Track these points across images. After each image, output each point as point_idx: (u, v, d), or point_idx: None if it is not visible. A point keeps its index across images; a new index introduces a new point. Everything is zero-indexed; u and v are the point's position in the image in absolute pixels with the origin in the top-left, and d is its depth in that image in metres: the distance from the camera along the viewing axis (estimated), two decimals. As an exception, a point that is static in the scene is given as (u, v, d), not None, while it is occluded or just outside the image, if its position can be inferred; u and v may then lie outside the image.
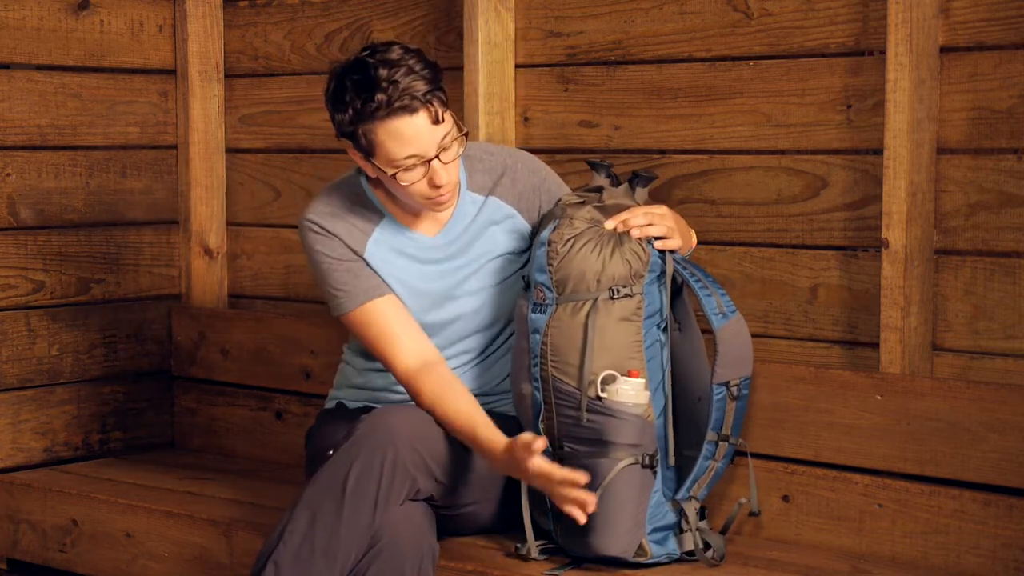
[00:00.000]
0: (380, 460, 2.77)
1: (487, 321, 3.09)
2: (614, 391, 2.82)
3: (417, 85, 2.82)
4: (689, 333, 3.00)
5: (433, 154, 2.86)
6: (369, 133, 2.85)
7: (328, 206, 3.04)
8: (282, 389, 3.90)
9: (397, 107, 2.81)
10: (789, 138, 3.20)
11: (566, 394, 2.86)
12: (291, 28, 3.97)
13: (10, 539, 3.69)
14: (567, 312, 2.86)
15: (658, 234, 2.90)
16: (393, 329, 2.99)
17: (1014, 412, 2.82)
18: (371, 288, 3.01)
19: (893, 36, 2.95)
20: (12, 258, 3.82)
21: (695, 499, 2.90)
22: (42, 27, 3.82)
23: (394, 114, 2.82)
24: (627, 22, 3.39)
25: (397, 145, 2.84)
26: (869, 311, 3.10)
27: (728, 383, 2.90)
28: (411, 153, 2.85)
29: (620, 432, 2.82)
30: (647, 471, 2.84)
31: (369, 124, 2.84)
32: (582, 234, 2.88)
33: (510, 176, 3.10)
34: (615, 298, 2.85)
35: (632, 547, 2.83)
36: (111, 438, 4.02)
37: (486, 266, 3.08)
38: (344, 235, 3.01)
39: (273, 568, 2.77)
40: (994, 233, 2.97)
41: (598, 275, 2.85)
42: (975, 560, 2.88)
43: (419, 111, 2.83)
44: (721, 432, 2.91)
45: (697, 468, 2.91)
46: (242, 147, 4.10)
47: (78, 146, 3.93)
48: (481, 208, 3.08)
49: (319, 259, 3.02)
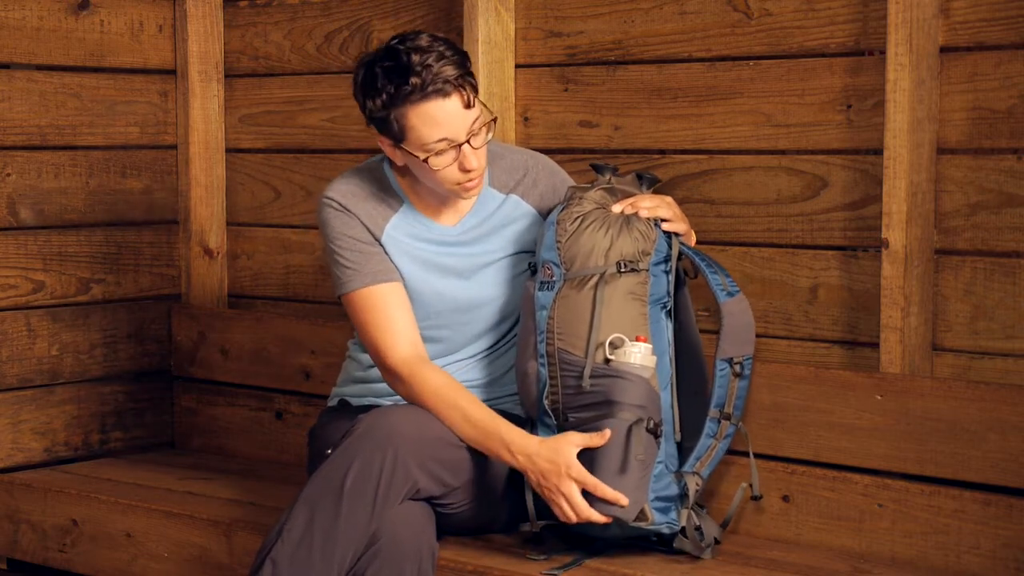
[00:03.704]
0: (379, 459, 2.78)
1: (499, 316, 3.10)
2: (622, 353, 2.85)
3: (448, 70, 2.85)
4: (688, 330, 3.02)
5: (464, 138, 2.89)
6: (401, 118, 2.88)
7: (349, 186, 3.06)
8: (282, 389, 3.90)
9: (431, 91, 2.84)
10: (789, 138, 3.20)
11: (572, 364, 2.87)
12: (291, 28, 3.97)
13: (10, 539, 3.69)
14: (574, 287, 2.89)
15: (665, 216, 2.94)
16: (393, 316, 3.00)
17: (1014, 412, 2.82)
18: (379, 272, 3.02)
19: (893, 36, 2.95)
20: (12, 258, 3.82)
21: (698, 475, 2.91)
22: (42, 27, 3.82)
23: (427, 98, 2.85)
24: (627, 22, 3.39)
25: (429, 129, 2.87)
26: (869, 311, 3.10)
27: (732, 359, 2.93)
28: (442, 136, 2.87)
29: (627, 392, 2.83)
30: (651, 437, 2.85)
31: (401, 108, 2.87)
32: (590, 213, 2.92)
33: (531, 177, 3.12)
34: (622, 272, 2.87)
35: (634, 510, 2.83)
36: (111, 438, 4.02)
37: (500, 261, 3.09)
38: (363, 216, 3.03)
39: (271, 566, 2.77)
40: (994, 233, 2.97)
41: (606, 251, 2.88)
42: (975, 560, 2.87)
43: (451, 95, 2.86)
44: (724, 410, 2.93)
45: (699, 446, 2.93)
46: (242, 147, 4.10)
47: (78, 146, 3.93)
48: (501, 205, 3.10)
49: (334, 235, 3.03)
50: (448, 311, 3.07)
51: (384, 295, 3.01)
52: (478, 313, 3.09)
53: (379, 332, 2.99)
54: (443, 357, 3.09)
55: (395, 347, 2.98)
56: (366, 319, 3.01)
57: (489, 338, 3.12)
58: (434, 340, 3.08)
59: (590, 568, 2.87)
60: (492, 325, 3.11)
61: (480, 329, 3.10)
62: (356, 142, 3.85)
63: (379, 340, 2.99)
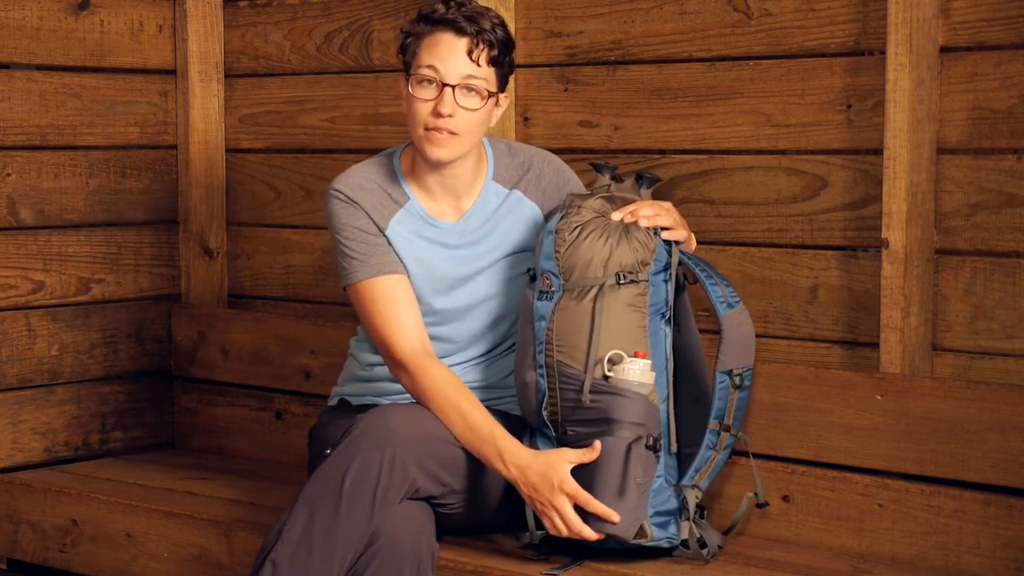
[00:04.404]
0: (378, 458, 2.78)
1: (499, 314, 3.10)
2: (620, 370, 2.84)
3: (480, 21, 2.94)
4: (688, 335, 3.01)
5: (452, 82, 2.93)
6: (417, 38, 2.98)
7: (357, 179, 3.08)
8: (282, 389, 3.90)
9: (449, 19, 2.94)
10: (789, 138, 3.20)
11: (571, 377, 2.87)
12: (291, 28, 3.97)
13: (10, 539, 3.69)
14: (573, 298, 2.88)
15: (665, 224, 2.92)
16: (399, 308, 3.00)
17: (1014, 412, 2.82)
18: (385, 263, 3.02)
19: (893, 36, 2.95)
20: (12, 258, 3.82)
21: (697, 488, 2.90)
22: (42, 27, 3.82)
23: (441, 25, 2.95)
24: (627, 22, 3.39)
25: (427, 53, 2.95)
26: (869, 311, 3.10)
27: (731, 371, 2.91)
28: (432, 64, 2.94)
29: (625, 410, 2.83)
30: (650, 453, 2.84)
31: (420, 27, 2.98)
32: (589, 223, 2.91)
33: (535, 173, 3.13)
34: (621, 283, 2.86)
35: (633, 527, 2.83)
36: (111, 438, 4.02)
37: (504, 259, 3.10)
38: (369, 208, 3.04)
39: (271, 566, 2.77)
40: (994, 233, 2.97)
41: (605, 261, 2.87)
42: (975, 560, 2.87)
43: (464, 36, 2.94)
44: (723, 422, 2.92)
45: (699, 458, 2.91)
46: (242, 147, 4.10)
47: (78, 146, 3.92)
48: (505, 200, 3.11)
49: (340, 227, 3.04)
50: (445, 310, 3.08)
51: (390, 286, 3.02)
52: (475, 312, 3.09)
53: (385, 324, 3.00)
54: (444, 358, 3.09)
55: (402, 339, 2.98)
56: (372, 310, 3.01)
57: (488, 339, 3.12)
58: (433, 338, 3.08)
59: (590, 568, 2.87)
60: (490, 325, 3.11)
61: (478, 328, 3.10)
62: (356, 142, 3.85)
63: (385, 332, 3.00)
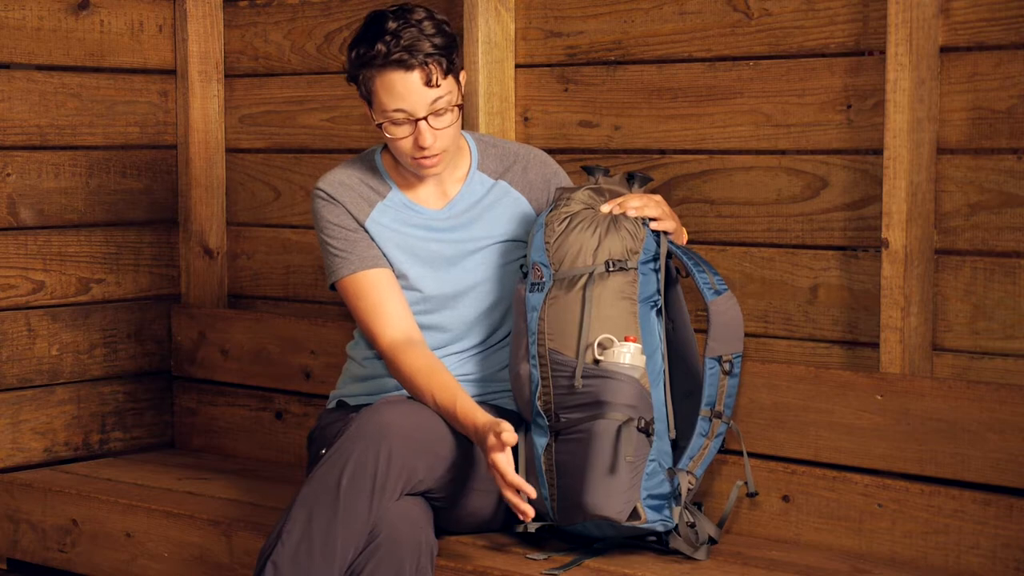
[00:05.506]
0: (374, 455, 2.78)
1: (490, 301, 3.12)
2: (611, 354, 2.85)
3: (420, 45, 2.91)
4: (682, 331, 3.03)
5: (422, 115, 2.94)
6: (368, 80, 2.97)
7: (339, 176, 3.13)
8: (282, 389, 3.90)
9: (393, 60, 2.91)
10: (789, 138, 3.20)
11: (563, 364, 2.88)
12: (291, 28, 3.97)
13: (10, 539, 3.69)
14: (563, 287, 2.90)
15: (653, 215, 2.94)
16: (383, 301, 3.05)
17: (1014, 412, 2.82)
18: (368, 258, 3.07)
19: (893, 36, 2.95)
20: (12, 258, 3.82)
21: (691, 474, 2.91)
22: (42, 27, 3.82)
23: (389, 67, 2.92)
24: (627, 22, 3.39)
25: (388, 97, 2.94)
26: (869, 311, 3.10)
27: (720, 358, 2.94)
28: (399, 107, 2.94)
29: (617, 392, 2.84)
30: (642, 435, 2.85)
31: (368, 71, 2.95)
32: (578, 214, 2.93)
33: (522, 164, 3.16)
34: (611, 271, 2.89)
35: (627, 510, 2.83)
36: (111, 438, 4.02)
37: (490, 247, 3.12)
38: (348, 203, 3.09)
39: (272, 569, 2.77)
40: (994, 233, 2.97)
41: (594, 251, 2.90)
42: (975, 560, 2.87)
43: (414, 70, 2.92)
44: (714, 408, 2.93)
45: (692, 445, 2.93)
46: (242, 147, 4.10)
47: (78, 146, 3.93)
48: (490, 190, 3.13)
49: (323, 224, 3.10)
50: (435, 296, 3.09)
51: (373, 280, 3.06)
52: (467, 299, 3.11)
53: (369, 316, 3.05)
54: (439, 348, 3.11)
55: (385, 330, 3.03)
56: (358, 305, 3.07)
57: (482, 328, 3.13)
58: (427, 327, 3.10)
59: (590, 568, 2.87)
60: (482, 312, 3.12)
61: (471, 316, 3.12)
62: (356, 142, 3.85)
63: (370, 324, 3.05)
